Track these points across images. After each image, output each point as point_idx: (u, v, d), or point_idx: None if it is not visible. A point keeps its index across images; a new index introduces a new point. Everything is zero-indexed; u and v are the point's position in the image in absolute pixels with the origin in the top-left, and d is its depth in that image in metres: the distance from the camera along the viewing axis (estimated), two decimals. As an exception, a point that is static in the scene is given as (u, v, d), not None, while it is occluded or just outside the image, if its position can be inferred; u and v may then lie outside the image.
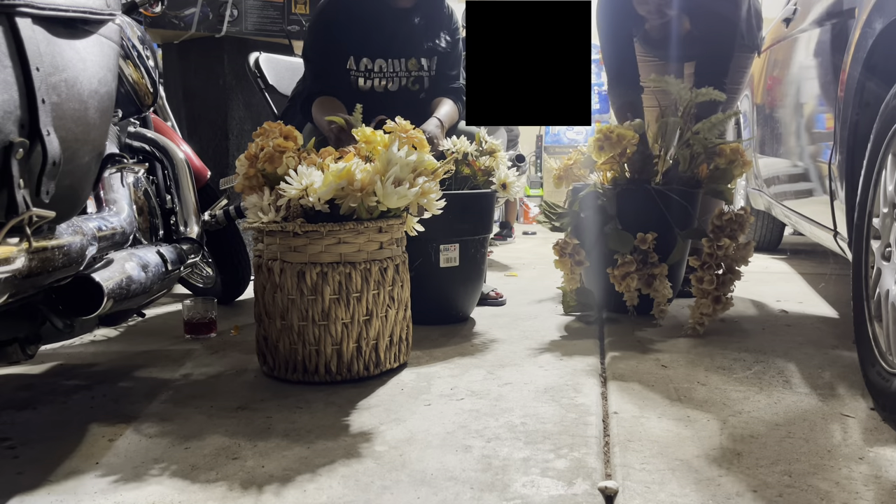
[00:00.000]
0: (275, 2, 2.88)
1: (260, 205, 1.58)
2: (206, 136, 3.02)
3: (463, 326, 2.11)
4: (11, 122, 0.95)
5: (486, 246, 2.22)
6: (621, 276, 2.10)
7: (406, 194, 1.54)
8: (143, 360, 1.80)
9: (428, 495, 1.06)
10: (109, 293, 1.24)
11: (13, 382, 1.63)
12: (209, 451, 1.23)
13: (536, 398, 1.47)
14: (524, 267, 3.35)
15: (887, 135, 1.37)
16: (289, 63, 2.65)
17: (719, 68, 2.26)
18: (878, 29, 1.46)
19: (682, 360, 1.73)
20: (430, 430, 1.30)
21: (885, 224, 1.39)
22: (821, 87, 1.96)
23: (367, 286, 1.57)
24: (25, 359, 1.31)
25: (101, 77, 1.16)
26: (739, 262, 2.02)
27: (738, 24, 2.28)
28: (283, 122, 1.67)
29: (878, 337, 1.41)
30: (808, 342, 1.88)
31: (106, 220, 1.37)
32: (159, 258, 1.48)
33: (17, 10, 0.96)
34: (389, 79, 2.23)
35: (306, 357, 1.56)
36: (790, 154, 2.36)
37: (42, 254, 1.06)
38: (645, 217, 2.10)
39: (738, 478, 1.10)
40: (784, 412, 1.37)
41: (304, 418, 1.38)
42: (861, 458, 1.16)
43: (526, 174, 5.48)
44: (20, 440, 1.29)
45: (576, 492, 1.06)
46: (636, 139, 2.09)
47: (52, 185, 1.03)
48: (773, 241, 3.73)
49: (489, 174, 2.17)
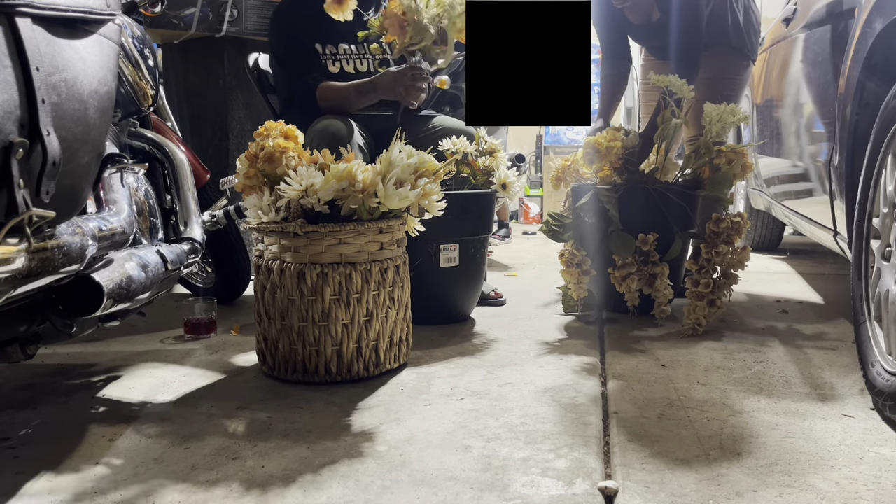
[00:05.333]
0: (275, 2, 2.88)
1: (260, 205, 1.58)
2: (206, 136, 3.02)
3: (463, 326, 2.11)
4: (11, 122, 0.94)
5: (486, 246, 2.22)
6: (622, 278, 2.10)
7: (408, 195, 1.55)
8: (143, 360, 1.80)
9: (428, 495, 1.06)
10: (109, 293, 1.24)
11: (13, 382, 1.63)
12: (209, 451, 1.23)
13: (536, 398, 1.47)
14: (524, 267, 3.35)
15: (887, 135, 1.37)
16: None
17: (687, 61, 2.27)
18: (878, 29, 1.46)
19: (682, 360, 1.73)
20: (430, 430, 1.30)
21: (885, 224, 1.39)
22: (821, 87, 1.96)
23: (368, 287, 1.57)
24: (25, 359, 1.31)
25: (101, 77, 1.16)
26: (736, 266, 2.02)
27: (701, 14, 2.26)
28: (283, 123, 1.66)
29: (878, 337, 1.41)
30: (808, 342, 1.88)
31: (106, 220, 1.37)
32: (159, 258, 1.47)
33: (17, 10, 0.96)
34: (356, 60, 2.26)
35: (306, 357, 1.56)
36: (790, 154, 2.36)
37: (42, 254, 1.06)
38: (645, 218, 2.11)
39: (738, 478, 1.10)
40: (784, 412, 1.37)
41: (304, 418, 1.38)
42: (861, 458, 1.16)
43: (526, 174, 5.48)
44: (20, 440, 1.29)
45: (576, 492, 1.06)
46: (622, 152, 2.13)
47: (52, 185, 1.03)
48: (772, 241, 3.73)
49: (489, 174, 2.17)
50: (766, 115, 2.77)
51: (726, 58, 2.37)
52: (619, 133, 2.16)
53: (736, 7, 2.34)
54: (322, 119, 2.12)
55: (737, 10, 2.34)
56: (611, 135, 2.16)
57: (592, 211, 2.16)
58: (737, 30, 2.35)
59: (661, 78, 2.12)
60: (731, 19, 2.33)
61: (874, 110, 1.46)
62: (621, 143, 2.13)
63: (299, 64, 2.23)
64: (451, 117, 2.43)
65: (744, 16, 2.36)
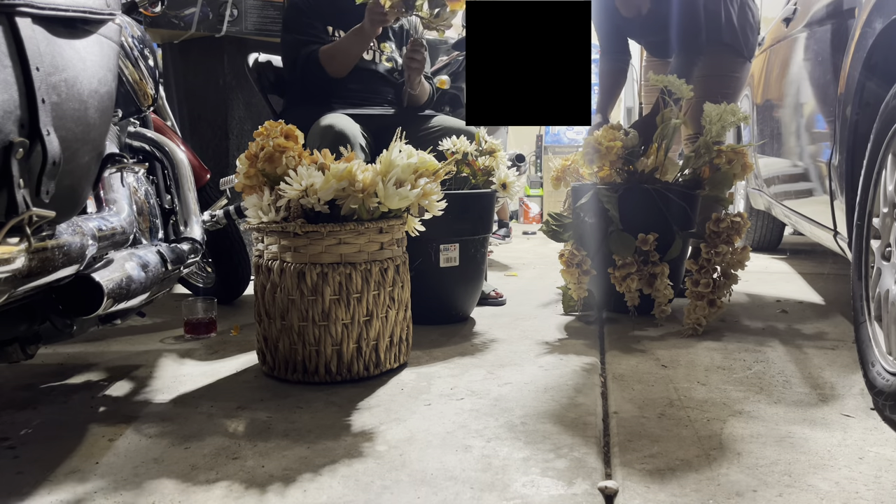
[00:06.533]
0: (275, 2, 2.88)
1: (260, 205, 1.58)
2: (206, 136, 3.02)
3: (463, 326, 2.11)
4: (11, 122, 0.94)
5: (486, 246, 2.22)
6: (622, 277, 2.11)
7: (408, 195, 1.55)
8: (143, 360, 1.80)
9: (428, 495, 1.06)
10: (109, 293, 1.24)
11: (13, 382, 1.63)
12: (209, 451, 1.23)
13: (536, 398, 1.47)
14: (524, 267, 3.35)
15: (887, 135, 1.37)
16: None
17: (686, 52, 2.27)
18: (878, 29, 1.46)
19: (682, 359, 1.73)
20: (431, 429, 1.30)
21: (885, 224, 1.39)
22: (821, 87, 1.96)
23: (368, 287, 1.57)
24: (25, 359, 1.31)
25: (101, 77, 1.16)
26: (736, 266, 2.02)
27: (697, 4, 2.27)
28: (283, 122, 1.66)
29: (878, 337, 1.41)
30: (808, 342, 1.88)
31: (106, 219, 1.37)
32: (159, 258, 1.47)
33: (17, 10, 0.96)
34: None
35: (306, 357, 1.56)
36: (790, 154, 2.36)
37: (42, 254, 1.06)
38: (645, 217, 2.11)
39: (738, 478, 1.10)
40: (784, 412, 1.37)
41: (304, 418, 1.38)
42: (861, 458, 1.16)
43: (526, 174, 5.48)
44: (20, 440, 1.29)
45: (576, 492, 1.06)
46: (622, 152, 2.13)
47: (52, 184, 1.03)
48: (773, 241, 3.73)
49: (489, 174, 2.17)
50: (766, 114, 2.77)
51: (721, 55, 2.37)
52: (618, 133, 2.17)
53: (730, 4, 2.34)
54: (324, 117, 2.12)
55: (731, 7, 2.34)
56: (611, 134, 2.16)
57: (592, 211, 2.16)
58: (730, 27, 2.35)
59: (660, 78, 2.12)
60: (725, 16, 2.33)
61: (874, 110, 1.46)
62: (621, 142, 2.14)
63: (308, 32, 2.30)
64: (451, 117, 2.44)
65: (739, 13, 2.36)
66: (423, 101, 2.43)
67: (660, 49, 2.58)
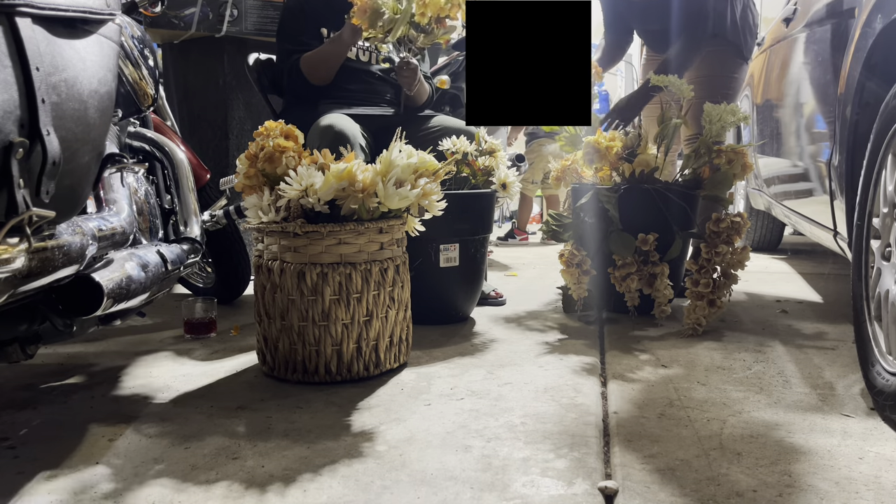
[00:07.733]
0: (275, 2, 2.88)
1: (260, 205, 1.58)
2: (206, 136, 3.02)
3: (463, 326, 2.11)
4: (11, 122, 0.94)
5: (486, 246, 2.22)
6: (622, 278, 2.11)
7: (408, 195, 1.55)
8: (143, 360, 1.80)
9: (428, 495, 1.06)
10: (109, 293, 1.24)
11: (13, 382, 1.63)
12: (209, 451, 1.23)
13: (536, 398, 1.47)
14: (524, 267, 3.35)
15: (887, 135, 1.37)
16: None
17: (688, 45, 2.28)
18: (878, 29, 1.46)
19: (682, 359, 1.73)
20: (430, 429, 1.30)
21: (885, 224, 1.39)
22: (820, 87, 1.96)
23: (368, 287, 1.57)
24: (25, 359, 1.31)
25: (101, 77, 1.16)
26: (736, 266, 2.02)
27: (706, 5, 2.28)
28: (283, 122, 1.66)
29: (878, 337, 1.41)
30: (808, 342, 1.88)
31: (106, 219, 1.37)
32: (159, 258, 1.47)
33: (17, 10, 0.96)
34: (358, 49, 2.33)
35: (306, 357, 1.56)
36: (790, 154, 2.36)
37: (42, 254, 1.06)
38: (645, 217, 2.11)
39: (738, 478, 1.10)
40: (784, 412, 1.37)
41: (304, 418, 1.38)
42: (861, 458, 1.16)
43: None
44: (20, 440, 1.29)
45: (576, 492, 1.06)
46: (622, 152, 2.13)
47: (52, 184, 1.03)
48: (773, 241, 3.73)
49: (489, 174, 2.17)
50: (766, 114, 2.77)
51: (723, 54, 2.37)
52: (618, 133, 2.17)
53: (735, 4, 2.34)
54: (324, 117, 2.12)
55: (735, 6, 2.34)
56: (610, 135, 2.16)
57: (592, 211, 2.16)
58: (734, 25, 2.36)
59: (660, 78, 2.12)
60: (731, 14, 2.34)
61: (874, 110, 1.46)
62: (621, 142, 2.14)
63: (296, 40, 2.29)
64: (451, 117, 2.44)
65: (741, 13, 2.36)
66: (422, 101, 2.43)
67: (659, 41, 2.57)
